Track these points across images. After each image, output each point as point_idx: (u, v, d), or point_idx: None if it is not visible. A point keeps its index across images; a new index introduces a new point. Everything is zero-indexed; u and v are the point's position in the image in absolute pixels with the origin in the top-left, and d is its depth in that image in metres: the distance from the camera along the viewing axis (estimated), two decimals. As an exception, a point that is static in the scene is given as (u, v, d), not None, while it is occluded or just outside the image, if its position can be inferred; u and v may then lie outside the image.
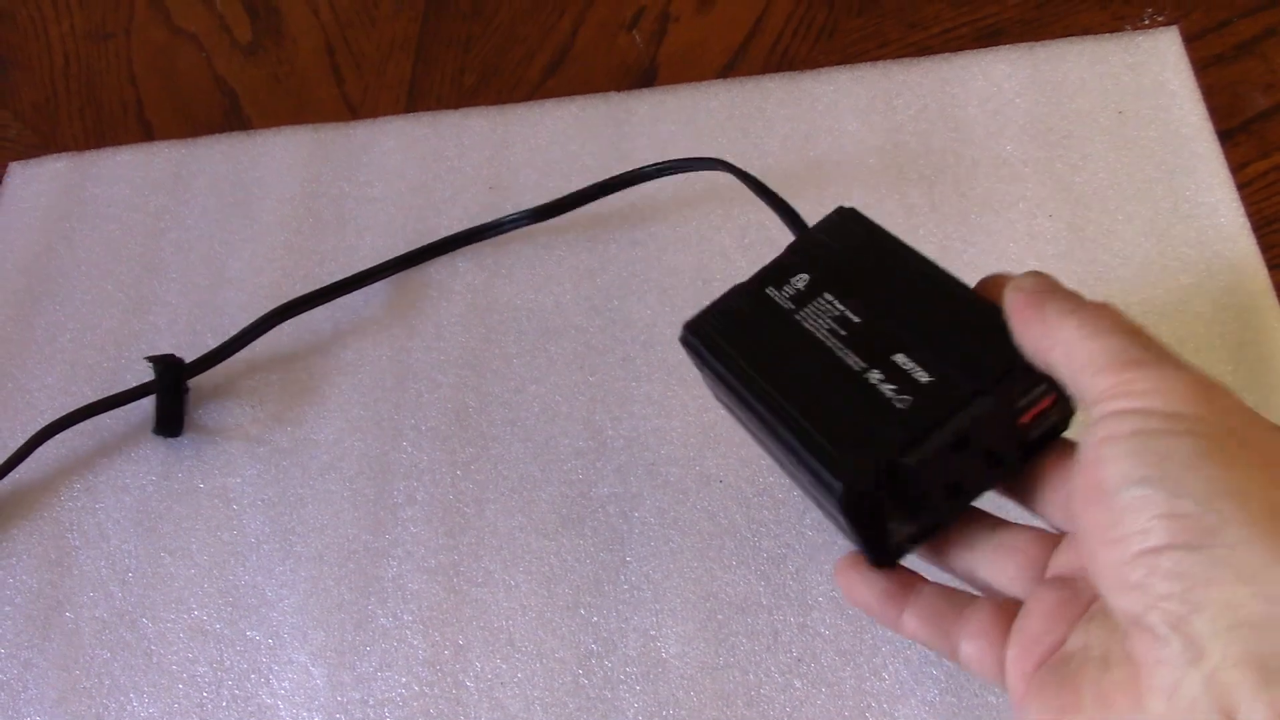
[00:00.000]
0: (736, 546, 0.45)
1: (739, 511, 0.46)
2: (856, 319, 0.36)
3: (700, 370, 0.41)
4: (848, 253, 0.39)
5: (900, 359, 0.35)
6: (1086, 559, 0.29)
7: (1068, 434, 0.35)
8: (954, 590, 0.35)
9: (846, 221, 0.40)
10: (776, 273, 0.39)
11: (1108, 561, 0.28)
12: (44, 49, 0.71)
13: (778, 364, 0.37)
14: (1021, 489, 0.35)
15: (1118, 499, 0.27)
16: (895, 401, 0.34)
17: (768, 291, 0.39)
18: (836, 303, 0.37)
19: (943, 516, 0.35)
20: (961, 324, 0.35)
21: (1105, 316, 0.30)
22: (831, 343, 0.36)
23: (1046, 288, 0.32)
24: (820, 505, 0.37)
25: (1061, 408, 0.34)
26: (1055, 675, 0.31)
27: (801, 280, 0.39)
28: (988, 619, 0.34)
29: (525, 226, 0.55)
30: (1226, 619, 0.25)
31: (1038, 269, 0.33)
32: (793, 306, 0.38)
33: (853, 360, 0.35)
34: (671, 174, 0.53)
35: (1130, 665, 0.27)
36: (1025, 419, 0.34)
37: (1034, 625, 0.32)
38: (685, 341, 0.39)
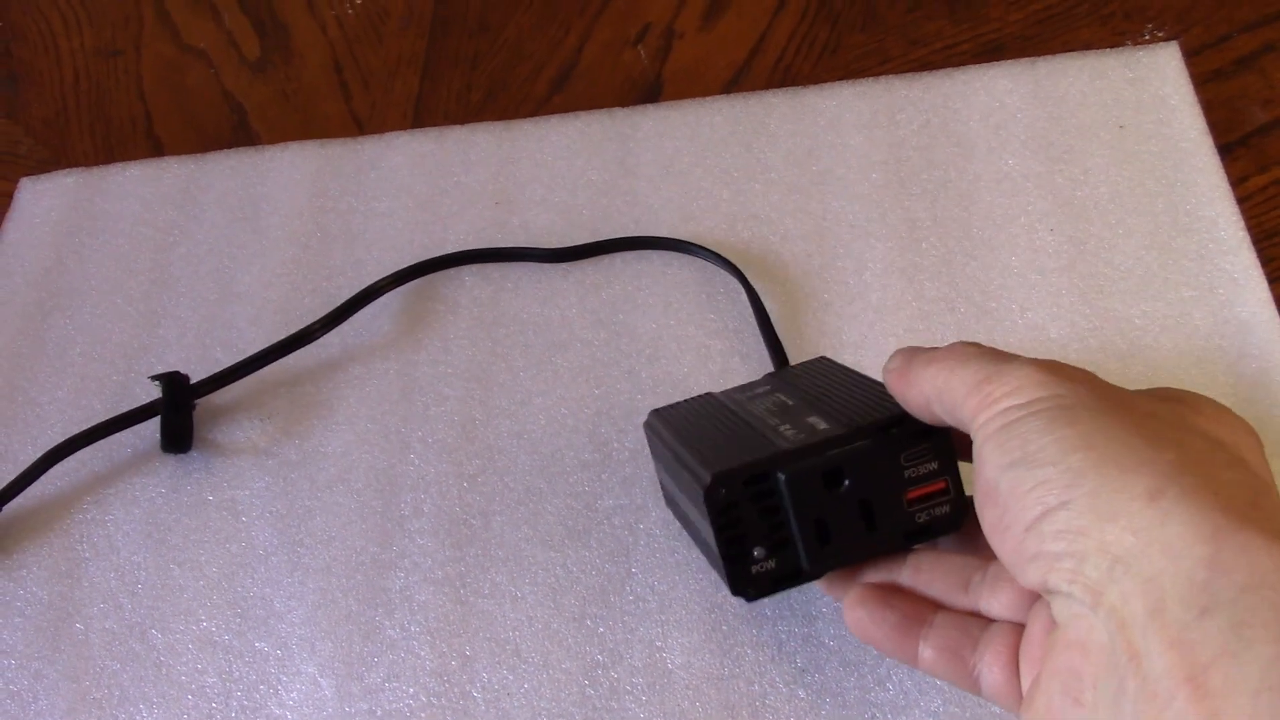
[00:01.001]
0: (741, 558, 0.46)
1: (744, 523, 0.46)
2: (791, 402, 0.40)
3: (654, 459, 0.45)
4: (809, 375, 0.43)
5: (813, 419, 0.37)
6: (998, 556, 0.31)
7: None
8: (968, 618, 0.36)
9: (821, 362, 0.44)
10: (744, 387, 0.44)
11: (1007, 550, 0.29)
12: (54, 65, 0.72)
13: (703, 430, 0.40)
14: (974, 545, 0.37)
15: (997, 490, 0.29)
16: (786, 436, 0.36)
17: (724, 393, 0.44)
18: (781, 396, 0.41)
19: (805, 564, 0.35)
20: (879, 402, 0.37)
21: (957, 352, 0.33)
22: (761, 415, 0.39)
23: (909, 353, 0.35)
24: (701, 539, 0.39)
25: (955, 502, 0.36)
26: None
27: (761, 387, 0.43)
28: (1003, 645, 0.34)
29: (535, 262, 0.56)
30: (1107, 559, 0.26)
31: (904, 347, 0.36)
32: (742, 398, 0.42)
33: (773, 422, 0.38)
34: (689, 254, 0.55)
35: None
36: (913, 494, 0.35)
37: (1035, 644, 0.32)
38: (646, 425, 0.44)
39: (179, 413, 0.52)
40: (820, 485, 0.35)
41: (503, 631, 0.46)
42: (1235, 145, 0.53)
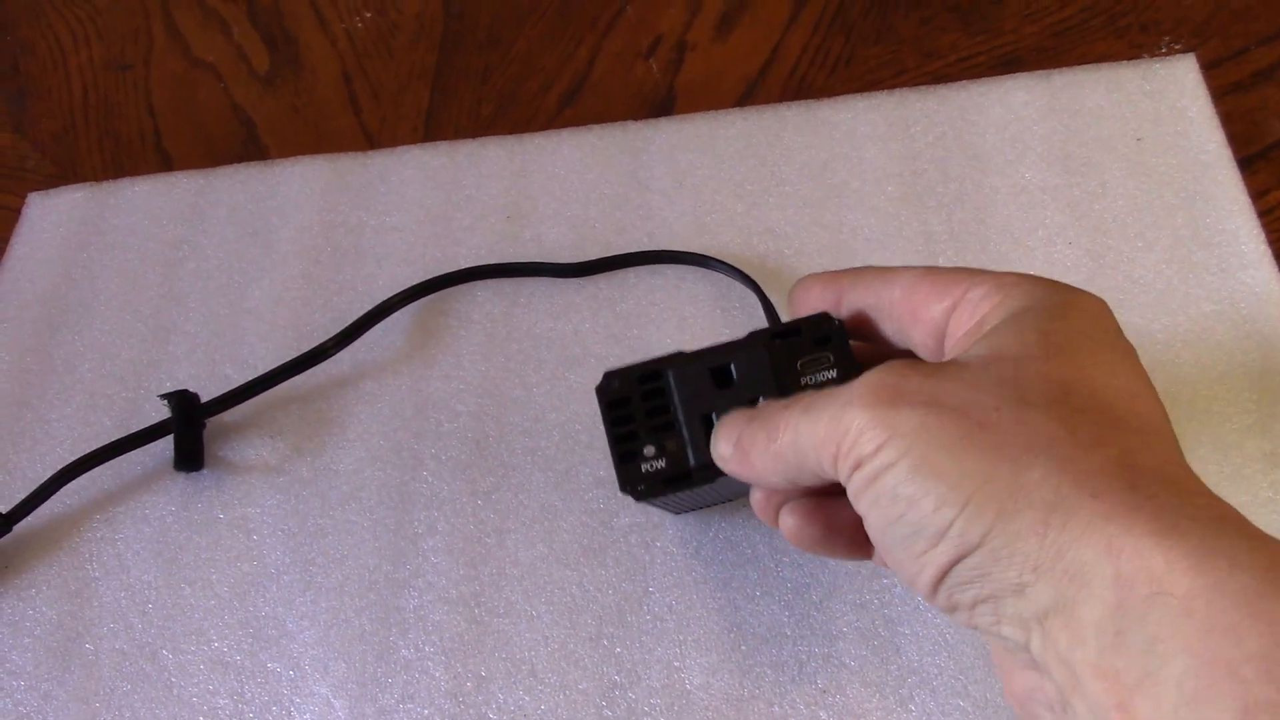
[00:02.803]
0: (760, 576, 0.45)
1: (761, 541, 0.46)
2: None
3: None
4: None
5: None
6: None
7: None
8: None
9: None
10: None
11: (920, 594, 0.30)
12: (63, 80, 0.71)
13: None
14: None
15: (889, 550, 0.30)
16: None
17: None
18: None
19: (693, 464, 0.36)
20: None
21: (791, 412, 0.32)
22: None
23: (735, 434, 0.34)
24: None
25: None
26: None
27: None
28: None
29: (548, 277, 0.55)
30: (1020, 600, 0.26)
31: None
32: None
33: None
34: (705, 268, 0.54)
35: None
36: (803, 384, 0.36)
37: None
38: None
39: (191, 431, 0.51)
40: (709, 383, 0.36)
41: (518, 651, 0.45)
42: (1255, 158, 0.53)
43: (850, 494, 0.30)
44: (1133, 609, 0.24)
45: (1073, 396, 0.28)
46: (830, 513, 0.36)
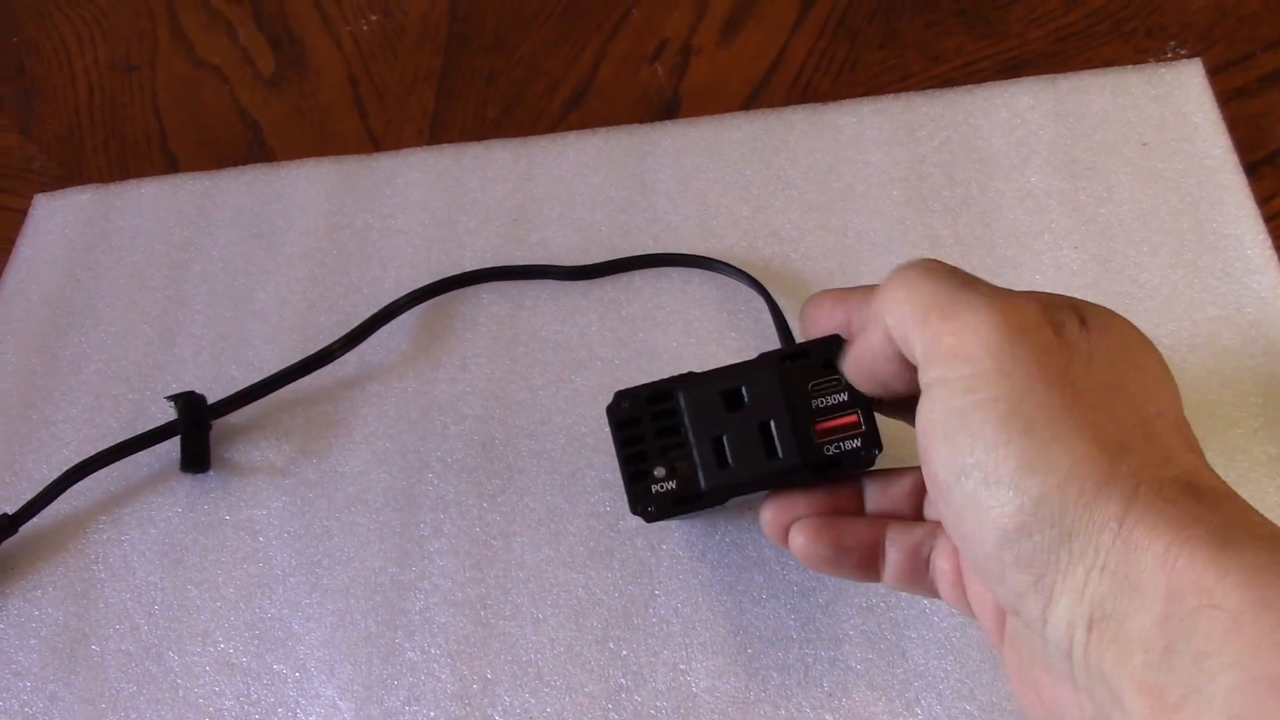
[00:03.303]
0: (766, 579, 0.45)
1: (767, 544, 0.46)
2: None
3: None
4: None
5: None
6: (954, 540, 0.30)
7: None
8: (918, 526, 0.36)
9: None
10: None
11: (968, 556, 0.29)
12: (69, 81, 0.71)
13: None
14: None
15: (950, 495, 0.28)
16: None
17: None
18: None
19: (704, 486, 0.37)
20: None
21: (913, 268, 0.32)
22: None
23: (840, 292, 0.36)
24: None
25: (868, 437, 0.36)
26: (1012, 642, 0.32)
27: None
28: (954, 552, 0.35)
29: (554, 280, 0.55)
30: (1076, 605, 0.26)
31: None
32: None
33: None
34: (711, 271, 0.54)
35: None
36: (821, 425, 0.36)
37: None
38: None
39: (197, 433, 0.51)
40: (719, 405, 0.37)
41: (524, 654, 0.45)
42: (1260, 164, 0.53)
43: (923, 412, 0.29)
44: (1181, 622, 0.23)
45: (1157, 400, 0.28)
46: (839, 532, 0.36)
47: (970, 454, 0.27)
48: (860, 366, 0.35)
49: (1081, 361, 0.28)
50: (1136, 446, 0.26)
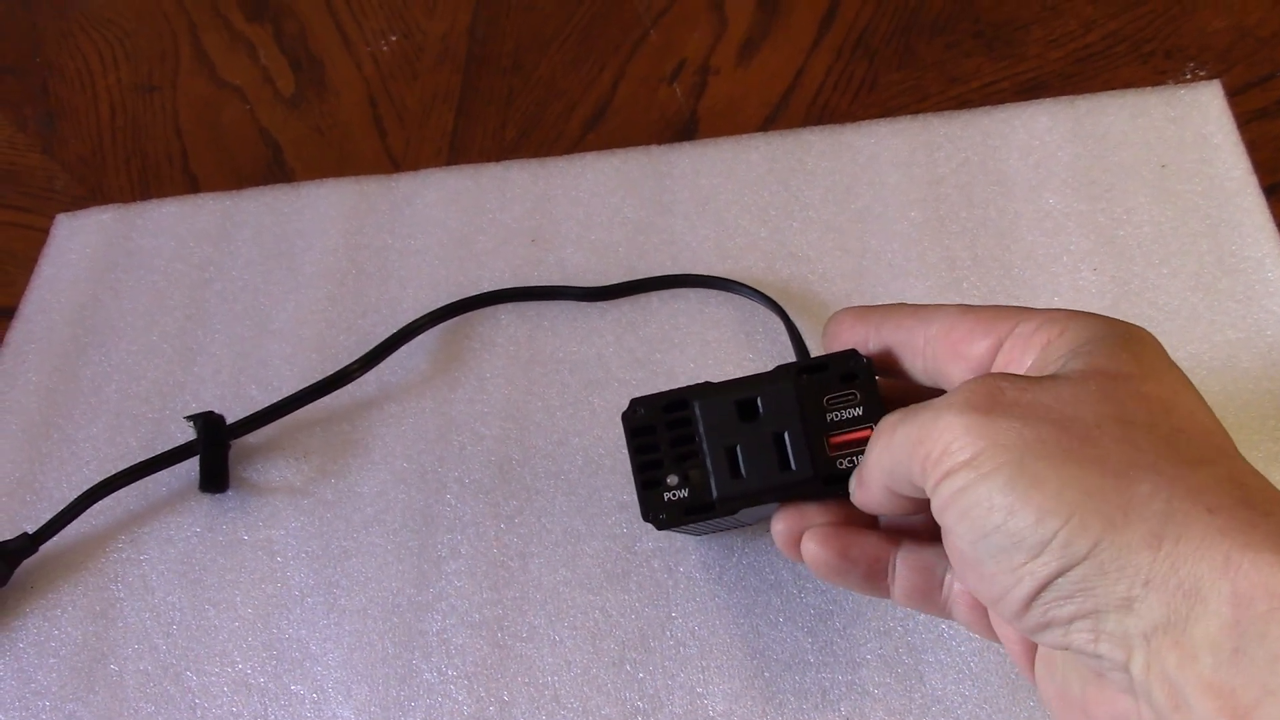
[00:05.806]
0: (783, 603, 0.45)
1: (785, 566, 0.46)
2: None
3: None
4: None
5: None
6: (990, 607, 0.31)
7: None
8: (931, 546, 0.36)
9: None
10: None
11: (1007, 615, 0.29)
12: (91, 101, 0.72)
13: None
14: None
15: (979, 564, 0.29)
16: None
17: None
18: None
19: (716, 496, 0.37)
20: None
21: (883, 428, 0.32)
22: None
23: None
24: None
25: None
26: (1047, 667, 0.32)
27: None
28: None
29: (572, 301, 0.55)
30: (1126, 614, 0.26)
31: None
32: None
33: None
34: (728, 291, 0.54)
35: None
36: (836, 439, 0.36)
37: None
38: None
39: (216, 452, 0.52)
40: (734, 415, 0.37)
41: (541, 676, 0.45)
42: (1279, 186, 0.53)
43: (936, 507, 0.30)
44: (1253, 626, 0.23)
45: (1173, 415, 0.28)
46: (847, 541, 0.36)
47: (987, 520, 0.28)
48: (873, 510, 0.35)
49: (1056, 400, 0.28)
50: (1152, 465, 0.26)
